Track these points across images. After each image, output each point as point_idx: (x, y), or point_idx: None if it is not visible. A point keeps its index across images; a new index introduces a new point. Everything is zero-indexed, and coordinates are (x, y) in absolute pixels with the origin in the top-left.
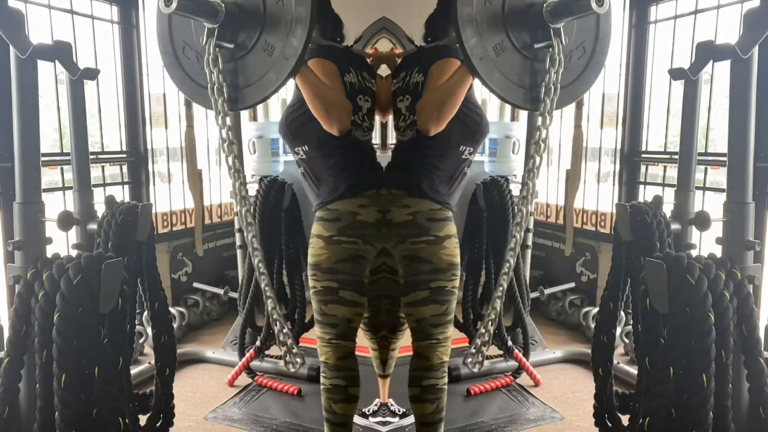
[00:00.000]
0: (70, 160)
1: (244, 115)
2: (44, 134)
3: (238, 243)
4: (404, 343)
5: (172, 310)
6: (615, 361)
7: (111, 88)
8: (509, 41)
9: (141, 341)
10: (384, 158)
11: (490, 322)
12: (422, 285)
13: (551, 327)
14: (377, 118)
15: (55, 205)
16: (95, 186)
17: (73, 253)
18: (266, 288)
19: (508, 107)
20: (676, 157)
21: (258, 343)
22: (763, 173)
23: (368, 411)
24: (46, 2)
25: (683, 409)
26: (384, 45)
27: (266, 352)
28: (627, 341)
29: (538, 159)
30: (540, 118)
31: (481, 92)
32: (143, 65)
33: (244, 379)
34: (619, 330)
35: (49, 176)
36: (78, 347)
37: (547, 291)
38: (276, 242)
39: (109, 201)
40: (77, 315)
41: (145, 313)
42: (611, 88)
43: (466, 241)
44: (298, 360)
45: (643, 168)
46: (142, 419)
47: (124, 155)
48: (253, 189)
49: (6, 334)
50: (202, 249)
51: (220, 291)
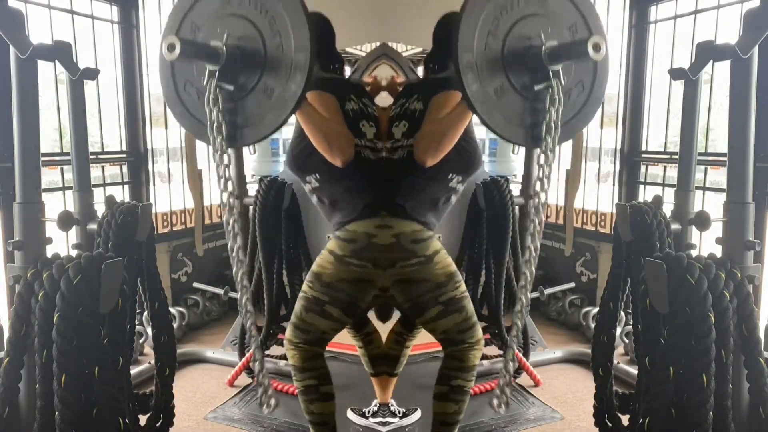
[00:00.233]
0: (70, 160)
1: None
2: (44, 134)
3: (238, 243)
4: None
5: (172, 310)
6: (615, 361)
7: (111, 88)
8: (509, 83)
9: (141, 341)
10: None
11: (509, 361)
12: (431, 303)
13: (551, 327)
14: None
15: (55, 205)
16: (95, 186)
17: (73, 253)
18: (246, 302)
19: None
20: (676, 157)
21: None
22: (763, 173)
23: (368, 412)
24: (46, 2)
25: (683, 409)
26: (383, 71)
27: (266, 352)
28: (627, 341)
29: (543, 196)
30: (543, 156)
31: None
32: (143, 65)
33: (244, 379)
34: (619, 330)
35: (49, 176)
36: (78, 347)
37: (547, 291)
38: (276, 242)
39: (109, 201)
40: (77, 315)
41: (145, 313)
42: (611, 88)
43: (466, 241)
44: (273, 401)
45: (643, 168)
46: (142, 419)
47: (124, 155)
48: (253, 189)
49: (6, 334)
50: (202, 249)
51: (220, 291)
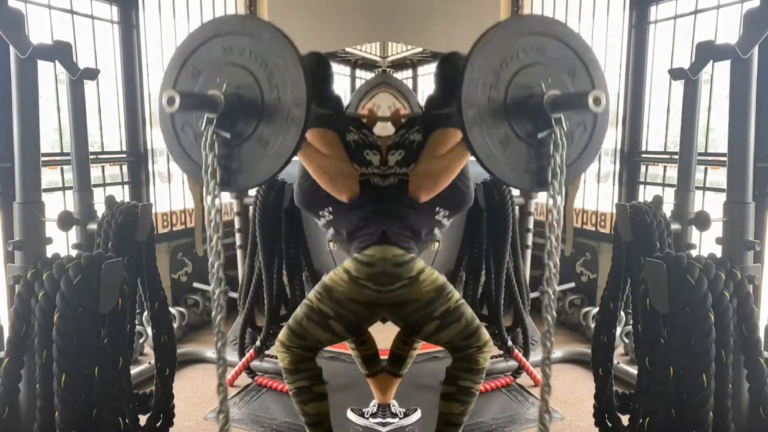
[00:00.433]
0: (70, 160)
1: None
2: (44, 134)
3: (238, 243)
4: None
5: (172, 310)
6: (615, 361)
7: (111, 88)
8: (513, 132)
9: (141, 341)
10: None
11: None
12: (426, 320)
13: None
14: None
15: (55, 205)
16: (95, 186)
17: (73, 253)
18: (220, 322)
19: None
20: (676, 157)
21: (258, 343)
22: (763, 173)
23: (367, 413)
24: (46, 2)
25: (683, 409)
26: (382, 99)
27: (266, 352)
28: (627, 341)
29: (553, 238)
30: (551, 200)
31: None
32: (143, 65)
33: (244, 379)
34: (619, 330)
35: (49, 176)
36: (78, 347)
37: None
38: (276, 242)
39: (109, 201)
40: (77, 315)
41: (145, 313)
42: (611, 88)
43: (466, 241)
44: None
45: (643, 168)
46: (142, 419)
47: (124, 155)
48: (253, 189)
49: (6, 334)
50: (202, 249)
51: None
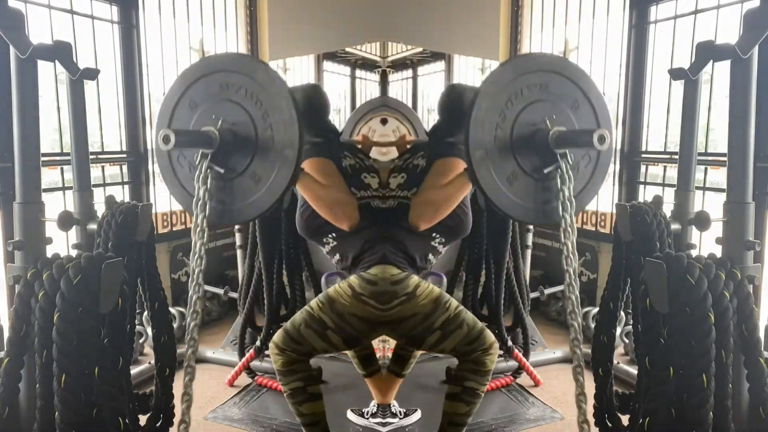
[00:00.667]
0: (70, 160)
1: None
2: (44, 134)
3: (238, 243)
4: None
5: (172, 310)
6: (615, 361)
7: (111, 88)
8: (520, 168)
9: (141, 341)
10: None
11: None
12: (427, 332)
13: (551, 327)
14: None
15: (55, 205)
16: (95, 186)
17: (73, 253)
18: (194, 328)
19: None
20: (676, 157)
21: (258, 343)
22: (763, 173)
23: (366, 413)
24: (46, 2)
25: (683, 409)
26: (375, 124)
27: (266, 352)
28: (627, 341)
29: (572, 271)
30: (563, 234)
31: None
32: (143, 65)
33: (244, 379)
34: (619, 330)
35: (49, 176)
36: (78, 347)
37: (547, 291)
38: (276, 242)
39: (109, 201)
40: (77, 315)
41: (145, 313)
42: (611, 88)
43: (466, 241)
44: None
45: (643, 168)
46: (142, 419)
47: (124, 155)
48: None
49: (6, 334)
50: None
51: (220, 291)
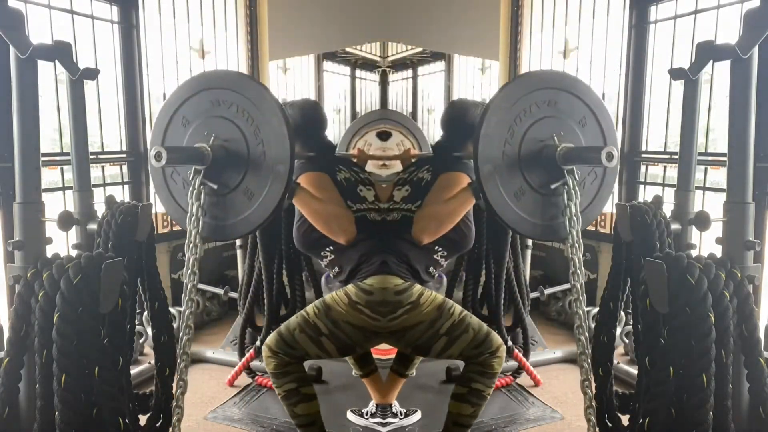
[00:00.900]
0: (70, 160)
1: None
2: (44, 134)
3: (238, 243)
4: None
5: (172, 310)
6: (615, 361)
7: (111, 88)
8: (527, 184)
9: (141, 341)
10: None
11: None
12: (433, 339)
13: (551, 327)
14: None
15: (55, 205)
16: (95, 186)
17: (73, 253)
18: (186, 343)
19: None
20: (676, 157)
21: (258, 343)
22: (763, 173)
23: (366, 413)
24: (46, 2)
25: (683, 409)
26: (372, 138)
27: None
28: (627, 341)
29: (579, 285)
30: (570, 250)
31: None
32: (143, 65)
33: (244, 379)
34: (619, 330)
35: (49, 176)
36: (78, 347)
37: (547, 291)
38: (276, 242)
39: (109, 201)
40: (77, 315)
41: (145, 313)
42: (611, 88)
43: None
44: None
45: (643, 168)
46: (142, 419)
47: (124, 155)
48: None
49: (6, 334)
50: (202, 249)
51: (220, 291)
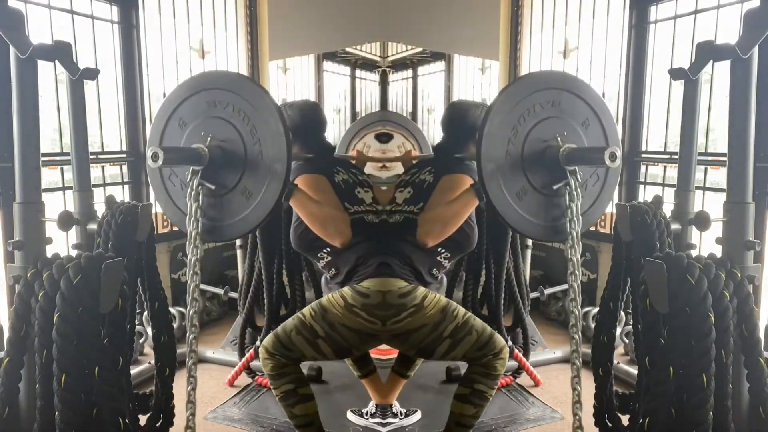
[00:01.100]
0: (70, 160)
1: None
2: (44, 134)
3: (238, 243)
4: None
5: (172, 310)
6: (615, 361)
7: (111, 88)
8: (529, 184)
9: (141, 341)
10: None
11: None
12: (437, 341)
13: (551, 327)
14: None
15: (55, 205)
16: (95, 186)
17: (73, 253)
18: (193, 341)
19: None
20: (676, 157)
21: (258, 343)
22: (763, 173)
23: (365, 413)
24: (46, 2)
25: (683, 409)
26: (370, 140)
27: None
28: (627, 341)
29: (576, 286)
30: (570, 250)
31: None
32: (143, 65)
33: (244, 379)
34: (619, 330)
35: (49, 176)
36: (78, 347)
37: (547, 291)
38: (276, 242)
39: (109, 201)
40: (77, 315)
41: (145, 313)
42: (611, 88)
43: None
44: None
45: (643, 168)
46: (142, 419)
47: (124, 155)
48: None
49: (6, 334)
50: (202, 249)
51: (220, 291)
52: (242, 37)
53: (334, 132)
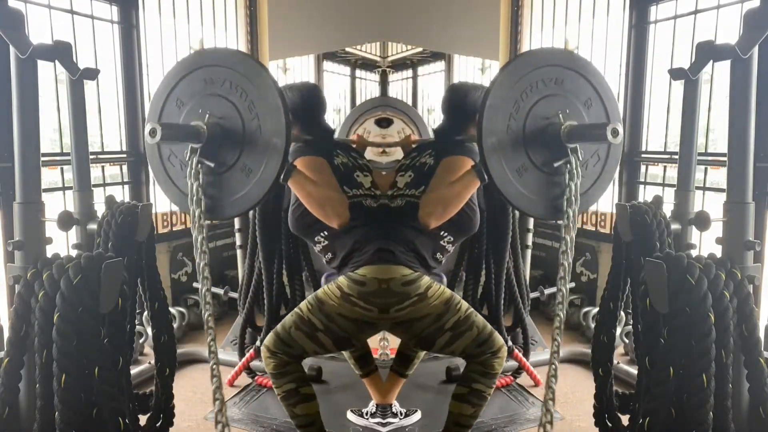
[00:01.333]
0: (70, 160)
1: None
2: (44, 134)
3: (238, 243)
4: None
5: (172, 310)
6: (615, 361)
7: (111, 88)
8: (530, 161)
9: (141, 341)
10: None
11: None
12: (438, 333)
13: (551, 327)
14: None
15: (55, 205)
16: (95, 186)
17: (73, 253)
18: (209, 318)
19: None
20: (676, 157)
21: (258, 343)
22: (763, 173)
23: (366, 413)
24: (46, 2)
25: (683, 409)
26: (370, 125)
27: None
28: (627, 341)
29: (566, 264)
30: (564, 229)
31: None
32: (143, 65)
33: (244, 379)
34: (619, 330)
35: (49, 176)
36: (78, 347)
37: (547, 291)
38: (276, 242)
39: (109, 201)
40: (77, 315)
41: (145, 313)
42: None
43: (466, 241)
44: None
45: (643, 168)
46: (142, 419)
47: (124, 155)
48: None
49: (6, 334)
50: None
51: (220, 291)
52: (242, 37)
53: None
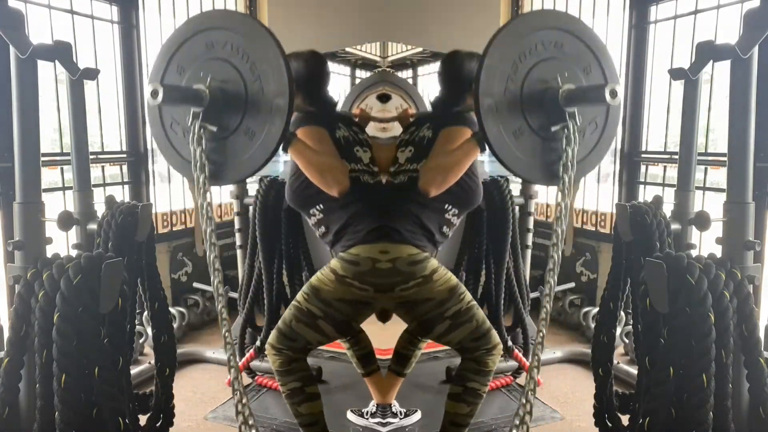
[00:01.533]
0: (70, 160)
1: None
2: (44, 134)
3: (238, 243)
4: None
5: (172, 310)
6: (615, 361)
7: (111, 88)
8: (527, 125)
9: (141, 341)
10: None
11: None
12: (437, 320)
13: (551, 327)
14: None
15: (55, 205)
16: (95, 186)
17: (73, 253)
18: (222, 309)
19: None
20: (676, 157)
21: (258, 343)
22: (763, 173)
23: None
24: (46, 2)
25: (683, 409)
26: (372, 101)
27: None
28: (627, 341)
29: (559, 231)
30: (560, 194)
31: None
32: (143, 65)
33: (244, 379)
34: (619, 330)
35: (49, 176)
36: (78, 347)
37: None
38: (276, 242)
39: (109, 201)
40: (77, 315)
41: (145, 313)
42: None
43: (466, 241)
44: None
45: (643, 168)
46: (142, 419)
47: (124, 155)
48: (253, 189)
49: (6, 334)
50: (202, 249)
51: None
52: None
53: None
